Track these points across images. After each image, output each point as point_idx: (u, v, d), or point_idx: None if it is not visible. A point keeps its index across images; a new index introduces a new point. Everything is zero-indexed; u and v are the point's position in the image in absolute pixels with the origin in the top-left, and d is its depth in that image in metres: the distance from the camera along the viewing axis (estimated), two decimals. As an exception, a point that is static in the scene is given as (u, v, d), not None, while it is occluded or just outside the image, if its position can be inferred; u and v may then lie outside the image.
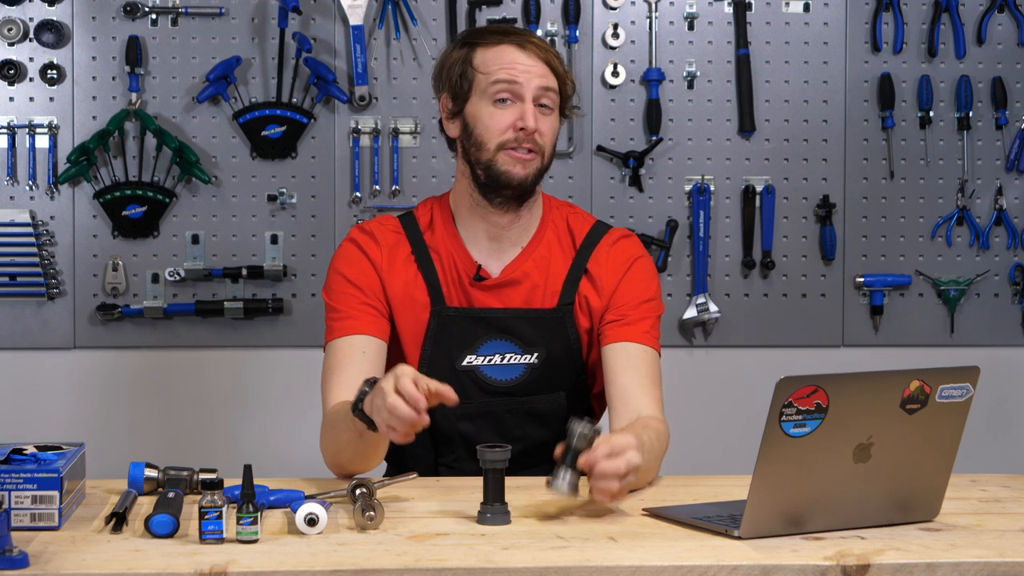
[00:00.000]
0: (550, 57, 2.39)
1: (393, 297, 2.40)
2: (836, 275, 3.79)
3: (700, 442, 3.67)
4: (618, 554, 1.81)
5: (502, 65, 2.37)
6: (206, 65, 3.63)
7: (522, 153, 2.36)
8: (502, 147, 2.36)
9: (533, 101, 2.35)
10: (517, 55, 2.37)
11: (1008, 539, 1.91)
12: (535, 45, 2.39)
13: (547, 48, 2.40)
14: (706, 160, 3.77)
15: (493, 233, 2.43)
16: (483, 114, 2.37)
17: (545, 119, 2.37)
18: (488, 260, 2.43)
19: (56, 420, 3.63)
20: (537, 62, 2.37)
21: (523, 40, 2.39)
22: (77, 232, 3.63)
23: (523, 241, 2.44)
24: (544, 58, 2.38)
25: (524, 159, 2.36)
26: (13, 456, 1.98)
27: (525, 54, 2.37)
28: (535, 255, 2.44)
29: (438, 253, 2.43)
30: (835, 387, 1.85)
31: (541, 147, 2.37)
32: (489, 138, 2.37)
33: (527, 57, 2.37)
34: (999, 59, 3.80)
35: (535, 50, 2.38)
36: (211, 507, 1.83)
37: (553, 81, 2.38)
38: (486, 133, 2.37)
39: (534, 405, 2.42)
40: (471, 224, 2.43)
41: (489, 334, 2.40)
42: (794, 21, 3.77)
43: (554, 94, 2.38)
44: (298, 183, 3.68)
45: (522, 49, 2.38)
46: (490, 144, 2.36)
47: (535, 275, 2.43)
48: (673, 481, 2.30)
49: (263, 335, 3.68)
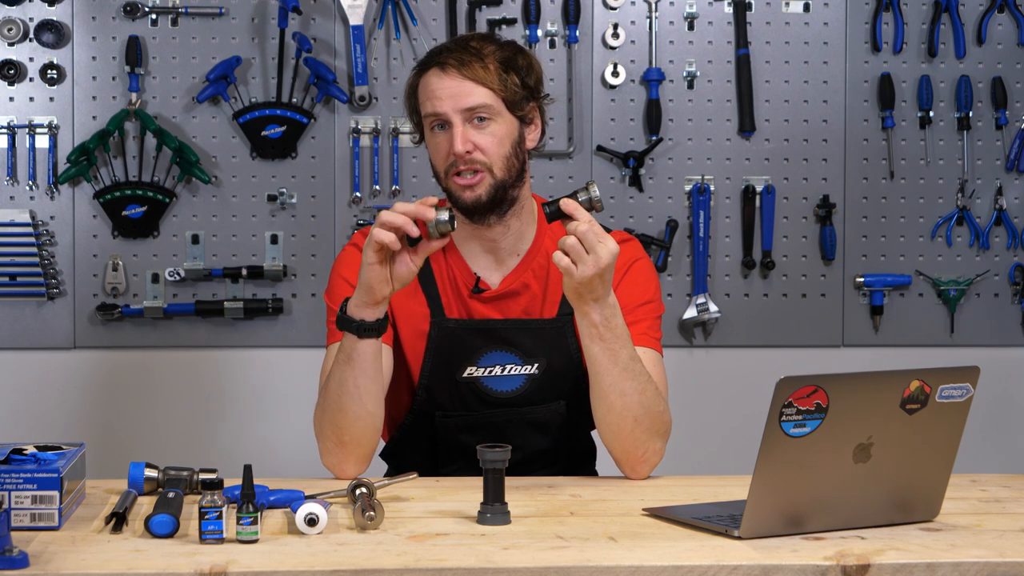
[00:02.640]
0: (474, 71, 2.33)
1: (395, 306, 2.40)
2: (836, 275, 3.80)
3: (700, 442, 3.67)
4: (618, 554, 1.81)
5: (427, 96, 2.36)
6: (206, 65, 3.64)
7: (465, 178, 2.34)
8: (448, 173, 2.36)
9: (467, 121, 2.33)
10: (437, 81, 2.35)
11: (1008, 539, 1.91)
12: (456, 62, 2.34)
13: (472, 59, 2.34)
14: (706, 160, 3.77)
15: (487, 246, 2.42)
16: (429, 144, 2.39)
17: (482, 133, 2.33)
18: (487, 271, 2.43)
19: (56, 420, 3.63)
20: (460, 81, 2.33)
21: (444, 61, 2.35)
22: (77, 232, 3.63)
23: (521, 250, 2.44)
24: (468, 75, 2.33)
25: (469, 183, 2.34)
26: (13, 456, 1.98)
27: (445, 77, 2.34)
28: (534, 264, 2.43)
29: (438, 264, 2.43)
30: (835, 387, 1.85)
31: (484, 163, 2.34)
32: (438, 165, 2.38)
33: (448, 80, 2.34)
34: (999, 59, 3.80)
35: (456, 69, 2.34)
36: (211, 507, 1.83)
37: (481, 95, 2.33)
38: (435, 160, 2.38)
39: (534, 415, 2.42)
40: (465, 236, 2.43)
41: (489, 345, 2.40)
42: (794, 21, 3.77)
43: (486, 107, 2.33)
44: (298, 183, 3.68)
45: (442, 72, 2.35)
46: (440, 171, 2.38)
47: (534, 285, 2.43)
48: (673, 481, 2.30)
49: (263, 335, 3.68)
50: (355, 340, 2.21)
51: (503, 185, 2.35)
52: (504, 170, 2.35)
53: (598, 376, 2.25)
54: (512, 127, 2.37)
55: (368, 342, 2.21)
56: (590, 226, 2.15)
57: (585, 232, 2.14)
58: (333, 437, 2.28)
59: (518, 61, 2.39)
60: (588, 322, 2.21)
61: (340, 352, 2.24)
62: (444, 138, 2.34)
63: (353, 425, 2.26)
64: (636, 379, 2.25)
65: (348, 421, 2.26)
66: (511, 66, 2.37)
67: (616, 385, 2.24)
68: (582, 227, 2.14)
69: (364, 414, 2.26)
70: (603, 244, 2.14)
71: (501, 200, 2.36)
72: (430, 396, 2.40)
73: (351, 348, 2.22)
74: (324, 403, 2.28)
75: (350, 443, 2.27)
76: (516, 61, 2.38)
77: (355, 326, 2.21)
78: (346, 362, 2.23)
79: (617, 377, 2.23)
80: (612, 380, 2.24)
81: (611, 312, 2.22)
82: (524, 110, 2.39)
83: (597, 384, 2.26)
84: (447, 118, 2.33)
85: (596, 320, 2.20)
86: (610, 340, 2.22)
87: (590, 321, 2.21)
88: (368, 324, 2.20)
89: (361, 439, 2.28)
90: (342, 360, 2.24)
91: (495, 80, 2.34)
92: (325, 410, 2.28)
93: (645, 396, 2.26)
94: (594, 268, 2.14)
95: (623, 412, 2.26)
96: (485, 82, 2.34)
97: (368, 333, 2.21)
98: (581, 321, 2.23)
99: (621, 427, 2.27)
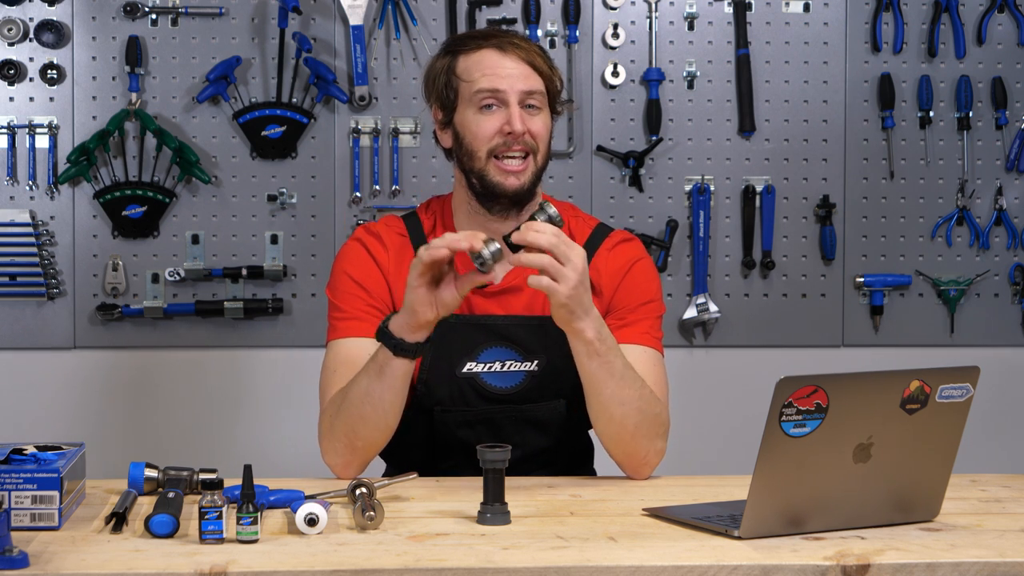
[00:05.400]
0: (533, 57, 2.36)
1: (398, 302, 2.39)
2: (836, 275, 3.80)
3: (700, 442, 3.67)
4: (618, 554, 1.81)
5: (483, 72, 2.34)
6: (206, 65, 3.64)
7: (513, 164, 2.34)
8: (492, 154, 2.34)
9: (519, 104, 2.33)
10: (498, 59, 2.34)
11: (1008, 539, 1.91)
12: (516, 46, 2.35)
13: (529, 47, 2.37)
14: (706, 160, 3.77)
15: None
16: (470, 123, 2.36)
17: (535, 118, 2.35)
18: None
19: (56, 420, 3.63)
20: (519, 64, 2.34)
21: (503, 43, 2.36)
22: (77, 232, 3.63)
23: None
24: (527, 59, 2.35)
25: (515, 170, 2.34)
26: (13, 456, 1.98)
27: (506, 57, 2.34)
28: None
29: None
30: (835, 387, 1.85)
31: (533, 147, 2.35)
32: (479, 146, 2.35)
33: (508, 60, 2.34)
34: (999, 59, 3.80)
35: (516, 52, 2.35)
36: (211, 507, 1.83)
37: (537, 82, 2.35)
38: (475, 141, 2.35)
39: (534, 412, 2.41)
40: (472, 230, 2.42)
41: (489, 341, 2.40)
42: (794, 21, 3.77)
43: (540, 95, 2.36)
44: (298, 183, 3.68)
45: (503, 52, 2.35)
46: (480, 152, 2.35)
47: None
48: (673, 481, 2.30)
49: (263, 335, 3.68)
50: (390, 356, 2.20)
51: (540, 174, 2.38)
52: (544, 159, 2.38)
53: (596, 390, 2.25)
54: (549, 120, 2.39)
55: (402, 361, 2.21)
56: (557, 237, 2.12)
57: (555, 244, 2.11)
58: (345, 440, 2.28)
59: (551, 61, 2.43)
60: (583, 340, 2.20)
61: (372, 362, 2.22)
62: (496, 117, 2.34)
63: (371, 434, 2.28)
64: (632, 386, 2.25)
65: (367, 430, 2.27)
66: (550, 63, 2.41)
67: (615, 396, 2.24)
68: (550, 239, 2.11)
69: (384, 426, 2.28)
70: (573, 250, 2.13)
71: (531, 193, 2.38)
72: (429, 391, 2.39)
73: (384, 362, 2.20)
74: (343, 407, 2.27)
75: (362, 448, 2.29)
76: (550, 61, 2.42)
77: (393, 343, 2.19)
78: (376, 374, 2.22)
79: (615, 388, 2.23)
80: (611, 392, 2.24)
81: (600, 323, 2.21)
82: (557, 108, 2.42)
83: (596, 398, 2.26)
84: (506, 97, 2.33)
85: (591, 337, 2.19)
86: (604, 353, 2.21)
87: (585, 340, 2.19)
88: (406, 345, 2.19)
89: (373, 446, 2.30)
90: (373, 371, 2.22)
91: (546, 71, 2.37)
92: (342, 414, 2.27)
93: (643, 402, 2.26)
94: (576, 276, 2.12)
95: (623, 421, 2.26)
96: (542, 71, 2.36)
97: (404, 353, 2.20)
98: (575, 341, 2.21)
99: (622, 435, 2.28)
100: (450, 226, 2.44)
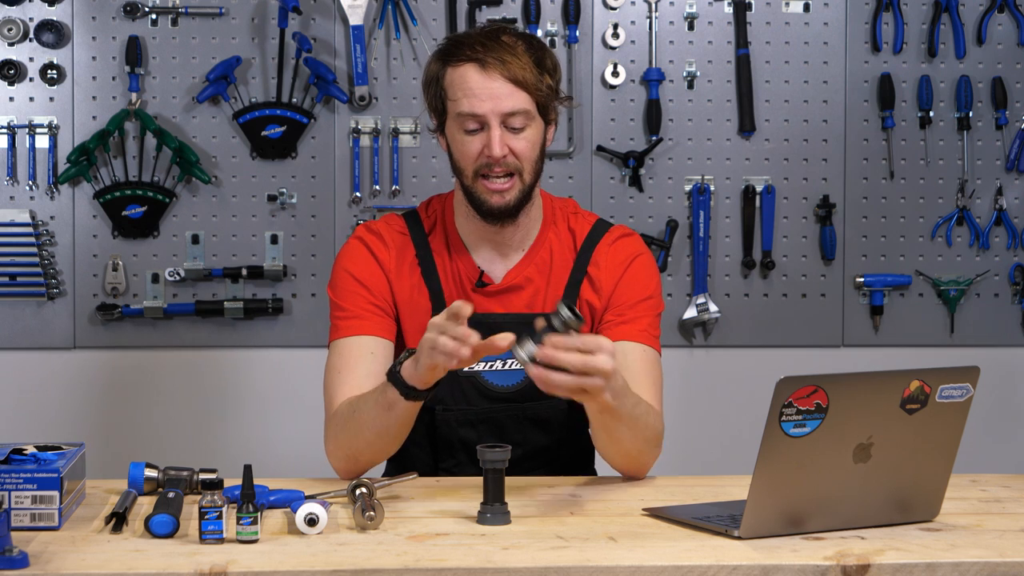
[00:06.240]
0: (516, 72, 2.29)
1: (400, 301, 2.39)
2: (836, 275, 3.79)
3: (700, 442, 3.67)
4: (618, 554, 1.81)
5: (465, 93, 2.29)
6: (206, 65, 3.64)
7: (497, 183, 2.32)
8: (477, 174, 2.32)
9: (501, 126, 2.30)
10: (479, 80, 2.29)
11: (1008, 539, 1.91)
12: (498, 63, 2.28)
13: (513, 60, 2.29)
14: (706, 160, 3.77)
15: (494, 241, 2.42)
16: (456, 140, 2.34)
17: (518, 138, 2.31)
18: (491, 265, 2.42)
19: (56, 420, 3.63)
20: (502, 83, 2.28)
21: (485, 60, 2.29)
22: (77, 232, 3.63)
23: (525, 245, 2.43)
24: (509, 76, 2.28)
25: (501, 188, 2.32)
26: (13, 456, 1.98)
27: (487, 77, 2.28)
28: (537, 259, 2.43)
29: (441, 257, 2.42)
30: (835, 387, 1.85)
31: (517, 167, 2.32)
32: (465, 165, 2.33)
33: (488, 80, 2.29)
34: (999, 59, 3.80)
35: (498, 70, 2.28)
36: (211, 507, 1.83)
37: (522, 99, 2.29)
38: (462, 160, 2.34)
39: (535, 411, 2.41)
40: (471, 231, 2.42)
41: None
42: (794, 21, 3.77)
43: (523, 113, 2.30)
44: (298, 183, 3.68)
45: (483, 70, 2.29)
46: (467, 171, 2.34)
47: (538, 280, 2.42)
48: (673, 481, 2.30)
49: (263, 335, 3.68)
50: (400, 397, 2.17)
51: (530, 189, 2.35)
52: (532, 174, 2.35)
53: (604, 429, 2.21)
54: (540, 130, 2.35)
55: (412, 402, 2.18)
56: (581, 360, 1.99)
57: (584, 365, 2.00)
58: (348, 454, 2.28)
59: (547, 61, 2.35)
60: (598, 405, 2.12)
61: (382, 396, 2.19)
62: (478, 139, 2.31)
63: (375, 456, 2.29)
64: (639, 421, 2.21)
65: (371, 453, 2.28)
66: (542, 67, 2.34)
67: (620, 431, 2.22)
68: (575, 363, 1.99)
69: (388, 451, 2.30)
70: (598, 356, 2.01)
71: (523, 203, 2.36)
72: None
73: (394, 401, 2.17)
74: (349, 427, 2.26)
75: (365, 463, 2.30)
76: (545, 61, 2.35)
77: (403, 388, 2.16)
78: (386, 409, 2.20)
79: (623, 427, 2.20)
80: (618, 433, 2.21)
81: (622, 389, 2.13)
82: (551, 112, 2.37)
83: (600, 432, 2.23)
84: (486, 120, 2.29)
85: (607, 401, 2.10)
86: (617, 408, 2.14)
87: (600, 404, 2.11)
88: (416, 392, 2.16)
89: (374, 462, 2.31)
90: (382, 406, 2.20)
91: (532, 83, 2.30)
92: (347, 433, 2.27)
93: (647, 431, 2.25)
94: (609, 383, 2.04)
95: (628, 449, 2.25)
96: (525, 85, 2.29)
97: (415, 397, 2.17)
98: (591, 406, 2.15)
99: (624, 457, 2.28)
100: (452, 226, 2.43)
